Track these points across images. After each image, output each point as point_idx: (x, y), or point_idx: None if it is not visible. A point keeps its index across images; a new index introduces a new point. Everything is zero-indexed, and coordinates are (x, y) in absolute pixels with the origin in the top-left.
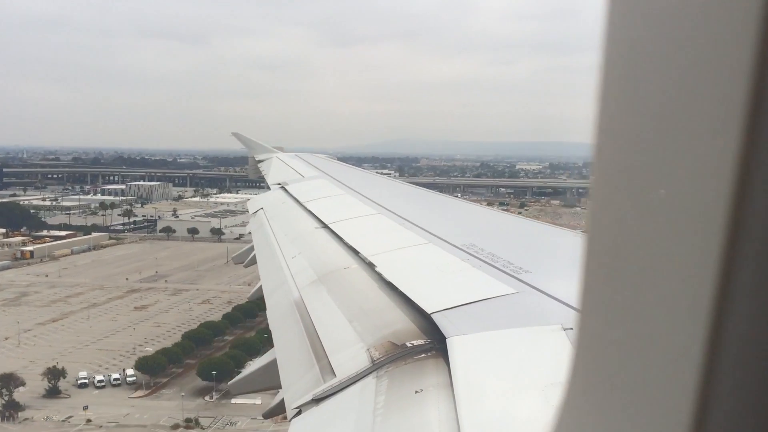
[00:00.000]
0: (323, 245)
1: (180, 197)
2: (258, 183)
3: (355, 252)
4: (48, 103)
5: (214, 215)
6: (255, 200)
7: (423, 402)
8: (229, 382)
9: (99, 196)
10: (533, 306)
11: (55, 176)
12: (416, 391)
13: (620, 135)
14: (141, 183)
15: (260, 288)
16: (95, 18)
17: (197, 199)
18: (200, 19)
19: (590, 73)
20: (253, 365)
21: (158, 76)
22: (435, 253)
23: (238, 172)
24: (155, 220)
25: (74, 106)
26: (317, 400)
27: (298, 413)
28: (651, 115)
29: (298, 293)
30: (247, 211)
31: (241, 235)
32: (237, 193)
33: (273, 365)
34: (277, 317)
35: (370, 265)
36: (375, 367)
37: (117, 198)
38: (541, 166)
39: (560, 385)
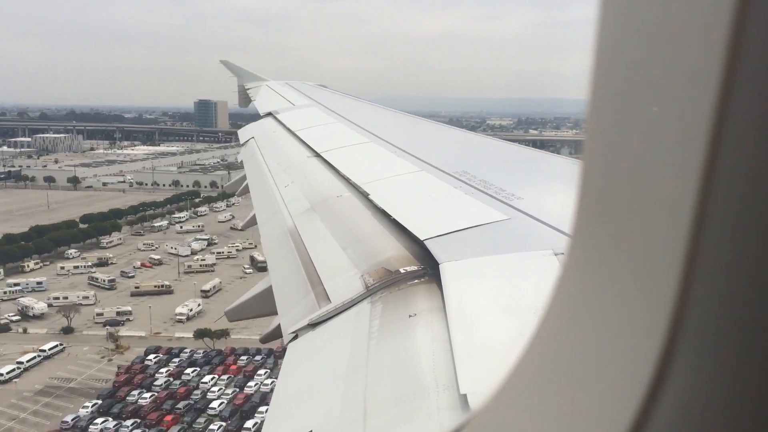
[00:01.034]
0: (316, 174)
1: (92, 149)
2: (188, 137)
3: (348, 180)
4: (27, 59)
5: (88, 165)
6: (246, 129)
7: (416, 325)
8: (226, 309)
9: (4, 148)
10: (525, 232)
11: None
12: (410, 315)
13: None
14: (47, 135)
15: (254, 217)
16: None
17: (102, 151)
18: None
19: (579, 28)
20: (249, 292)
21: (140, 31)
22: (427, 180)
23: (182, 127)
24: (19, 170)
25: (54, 63)
26: (313, 325)
27: (295, 338)
28: (645, 52)
29: (292, 222)
30: (131, 160)
31: (105, 184)
32: (158, 145)
33: (269, 292)
34: (271, 245)
35: (363, 194)
36: (369, 292)
37: (16, 150)
38: (511, 122)
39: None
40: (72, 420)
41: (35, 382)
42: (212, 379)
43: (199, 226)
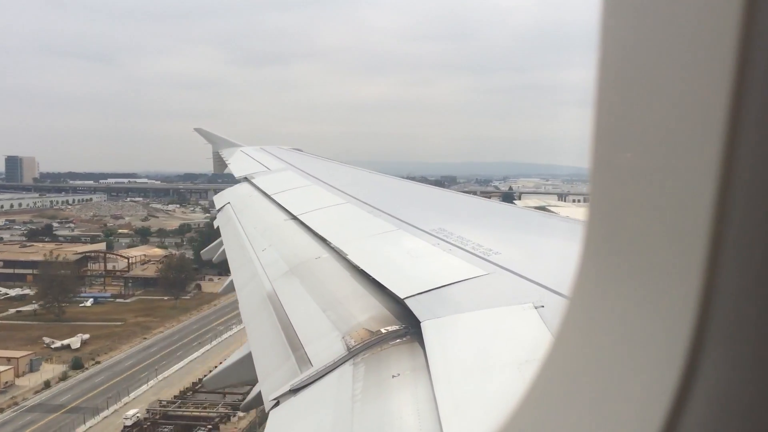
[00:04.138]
0: (293, 236)
1: None
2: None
3: (326, 242)
4: None
5: None
6: (222, 195)
7: (400, 386)
8: (205, 378)
9: None
10: (504, 286)
11: None
12: (393, 376)
13: (617, 129)
14: None
15: (231, 282)
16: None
17: None
18: (104, 38)
19: (506, 92)
20: (228, 360)
21: (65, 95)
22: (405, 239)
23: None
24: None
25: None
26: (295, 391)
27: (276, 404)
28: (645, 111)
29: (270, 285)
30: None
31: None
32: None
33: (248, 359)
34: (249, 310)
35: (342, 254)
36: (351, 354)
37: None
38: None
39: (534, 362)
40: None
41: None
42: None
43: None
